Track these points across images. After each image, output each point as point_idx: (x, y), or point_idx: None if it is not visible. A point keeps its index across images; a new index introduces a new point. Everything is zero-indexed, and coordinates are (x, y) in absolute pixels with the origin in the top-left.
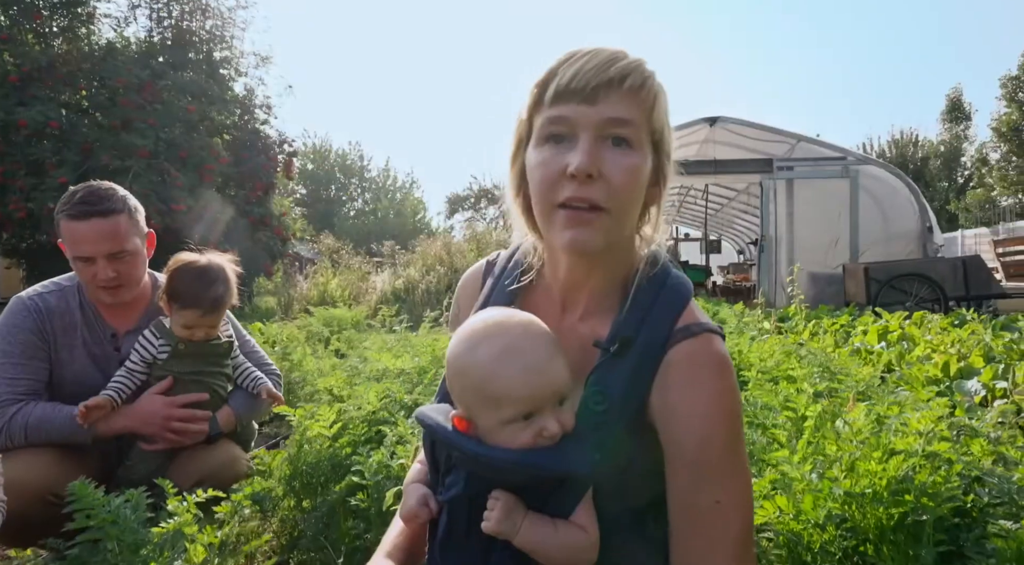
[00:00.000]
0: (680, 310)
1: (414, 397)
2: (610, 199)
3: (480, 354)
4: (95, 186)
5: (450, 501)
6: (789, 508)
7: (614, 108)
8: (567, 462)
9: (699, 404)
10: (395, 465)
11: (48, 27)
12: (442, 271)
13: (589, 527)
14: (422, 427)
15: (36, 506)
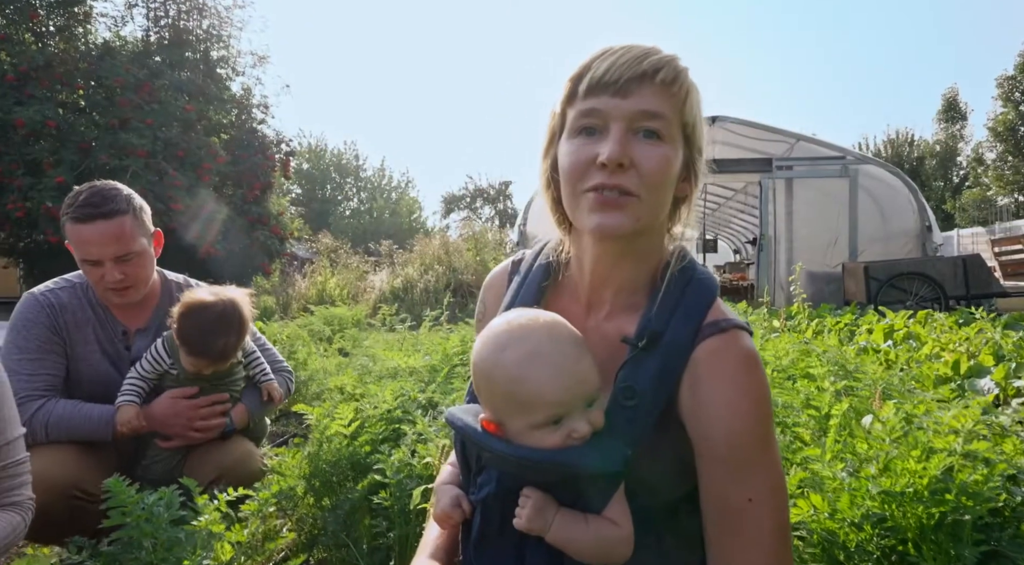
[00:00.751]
0: (708, 305)
1: (427, 395)
2: (641, 186)
3: (506, 358)
4: (99, 187)
5: (483, 501)
6: (824, 506)
7: (646, 101)
8: (599, 459)
9: (729, 400)
10: (416, 463)
11: (45, 27)
12: (440, 270)
13: (622, 521)
14: (452, 428)
15: (61, 501)
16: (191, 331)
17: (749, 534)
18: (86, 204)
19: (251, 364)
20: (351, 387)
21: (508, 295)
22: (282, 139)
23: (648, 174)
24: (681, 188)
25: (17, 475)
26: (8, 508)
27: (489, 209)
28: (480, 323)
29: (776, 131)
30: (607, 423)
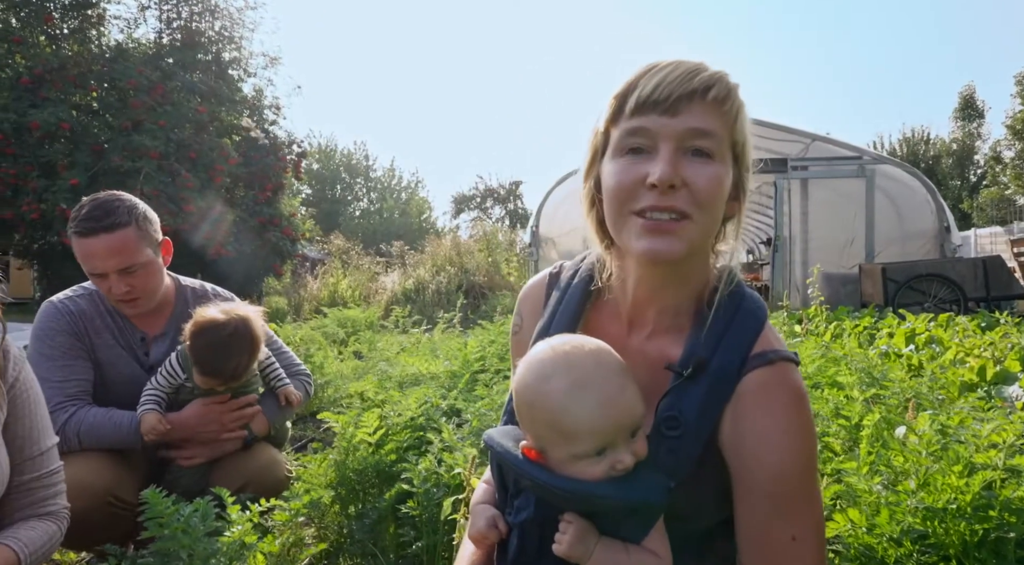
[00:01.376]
0: (756, 334)
1: (449, 402)
2: (694, 206)
3: (551, 387)
4: (101, 199)
5: (521, 524)
6: (862, 521)
7: (697, 119)
8: (642, 492)
9: (777, 437)
10: (443, 472)
11: (59, 29)
12: (452, 271)
13: (662, 552)
14: (490, 452)
15: (97, 508)
16: (203, 351)
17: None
18: (88, 218)
19: (266, 370)
20: (372, 393)
21: (547, 310)
22: (294, 140)
23: (700, 193)
24: (730, 207)
25: (52, 485)
26: (44, 518)
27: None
28: (516, 336)
29: (791, 131)
30: (649, 453)
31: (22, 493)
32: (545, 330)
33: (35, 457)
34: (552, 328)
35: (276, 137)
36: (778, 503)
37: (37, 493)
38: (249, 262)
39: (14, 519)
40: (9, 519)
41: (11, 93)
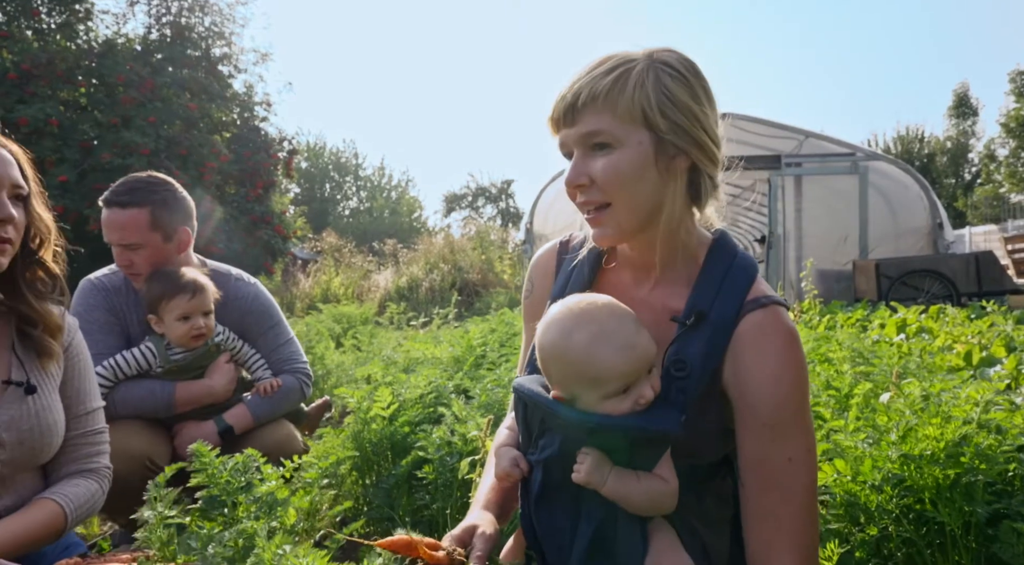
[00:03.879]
0: (749, 285)
1: (455, 382)
2: (606, 195)
3: (575, 340)
4: (134, 178)
5: (545, 461)
6: (847, 470)
7: (584, 123)
8: (662, 422)
9: (773, 371)
10: (456, 441)
11: (46, 24)
12: (446, 269)
13: (669, 478)
14: (521, 398)
15: (137, 472)
16: (154, 284)
17: (788, 489)
18: (113, 190)
19: (248, 362)
20: (379, 376)
21: (562, 274)
22: (284, 137)
23: (604, 183)
24: (673, 164)
25: (97, 443)
26: (88, 475)
27: (491, 208)
28: (527, 300)
29: (785, 128)
30: (661, 392)
31: (69, 449)
32: (561, 291)
33: (82, 415)
34: (568, 289)
35: (267, 134)
36: (775, 430)
37: (82, 449)
38: (240, 260)
39: (60, 474)
40: (56, 474)
41: None
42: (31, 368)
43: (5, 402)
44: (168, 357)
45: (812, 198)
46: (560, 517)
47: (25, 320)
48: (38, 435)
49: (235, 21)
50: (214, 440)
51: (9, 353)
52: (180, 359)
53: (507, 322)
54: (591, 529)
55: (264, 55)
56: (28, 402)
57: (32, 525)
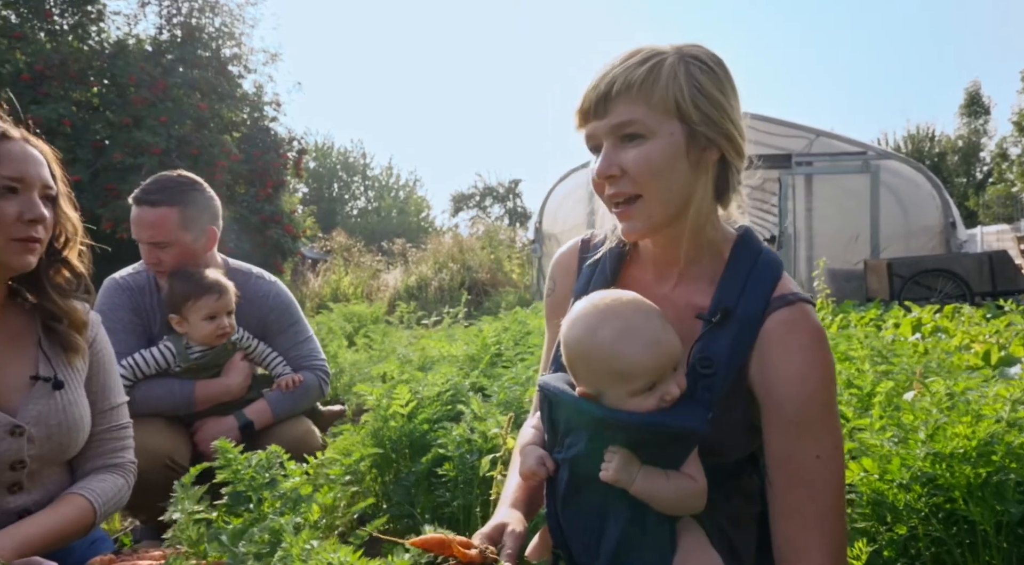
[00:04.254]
0: (775, 282)
1: (472, 380)
2: (637, 186)
3: (601, 337)
4: (165, 176)
5: (571, 459)
6: (874, 469)
7: (617, 114)
8: (688, 420)
9: (799, 368)
10: (476, 438)
11: (59, 25)
12: (455, 269)
13: (698, 476)
14: (547, 396)
15: (158, 470)
16: (178, 284)
17: (815, 486)
18: (144, 189)
19: (266, 360)
20: (396, 373)
21: (585, 270)
22: (294, 137)
23: (636, 173)
24: (704, 156)
25: (121, 438)
26: (114, 470)
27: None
28: (549, 298)
29: (795, 126)
30: (688, 388)
31: (95, 444)
32: (584, 288)
33: (107, 411)
34: (591, 286)
35: (276, 134)
36: (802, 427)
37: (108, 444)
38: (250, 259)
39: (86, 470)
40: (82, 469)
41: (12, 89)
42: (57, 364)
43: (33, 397)
44: (187, 356)
45: (823, 197)
46: (587, 516)
47: (50, 316)
48: (65, 430)
49: (245, 22)
50: (235, 435)
51: (36, 349)
52: (198, 358)
53: (520, 321)
54: (619, 528)
55: (273, 55)
56: (55, 397)
57: (62, 520)
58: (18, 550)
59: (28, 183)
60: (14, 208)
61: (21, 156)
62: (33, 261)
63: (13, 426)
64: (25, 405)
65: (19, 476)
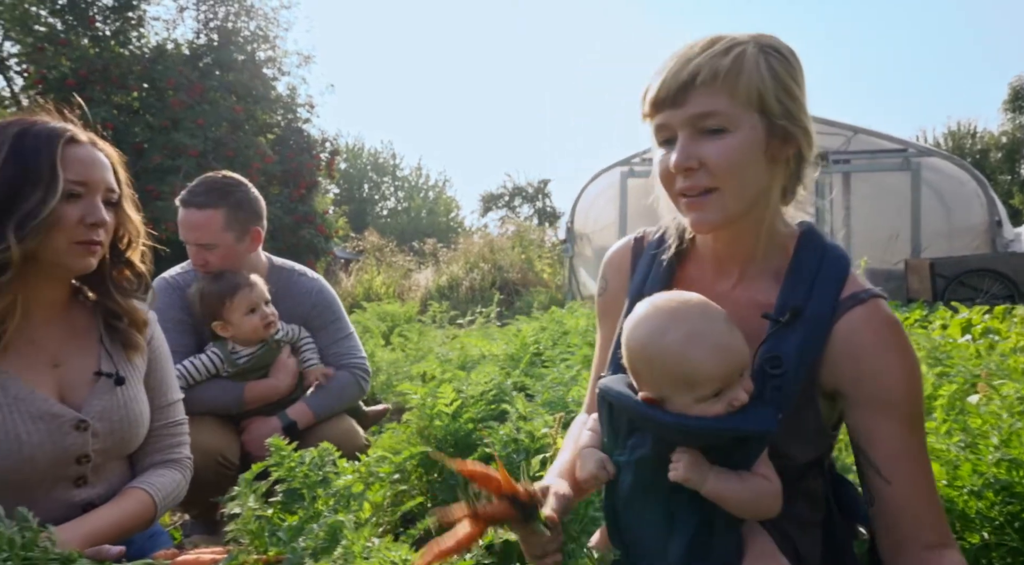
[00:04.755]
0: (844, 279)
1: (514, 379)
2: (715, 179)
3: (668, 341)
4: (210, 178)
5: (635, 462)
6: (942, 475)
7: (698, 104)
8: (758, 422)
9: (900, 364)
10: (523, 438)
11: (102, 32)
12: (486, 268)
13: (772, 477)
14: (607, 399)
15: (210, 467)
16: (209, 289)
17: (926, 474)
18: (190, 190)
19: (300, 349)
20: (436, 373)
21: (639, 270)
22: (326, 138)
23: (716, 167)
24: (782, 150)
25: (177, 434)
26: (171, 465)
27: (528, 208)
28: (601, 298)
29: (832, 124)
30: (756, 390)
31: (153, 439)
32: (639, 288)
33: (164, 407)
34: (647, 286)
35: (309, 135)
36: (911, 422)
37: (165, 440)
38: (283, 258)
39: (146, 464)
40: (142, 464)
41: (58, 94)
42: (119, 360)
43: (97, 393)
44: (234, 361)
45: (861, 196)
46: (652, 521)
47: (112, 315)
48: (127, 425)
49: (279, 25)
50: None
51: (98, 346)
52: (245, 361)
53: (556, 320)
54: (688, 533)
55: (307, 58)
56: (117, 393)
57: (124, 514)
58: (85, 540)
59: (92, 187)
60: (77, 212)
61: (87, 160)
62: (94, 263)
63: (78, 420)
64: (89, 401)
65: (84, 470)
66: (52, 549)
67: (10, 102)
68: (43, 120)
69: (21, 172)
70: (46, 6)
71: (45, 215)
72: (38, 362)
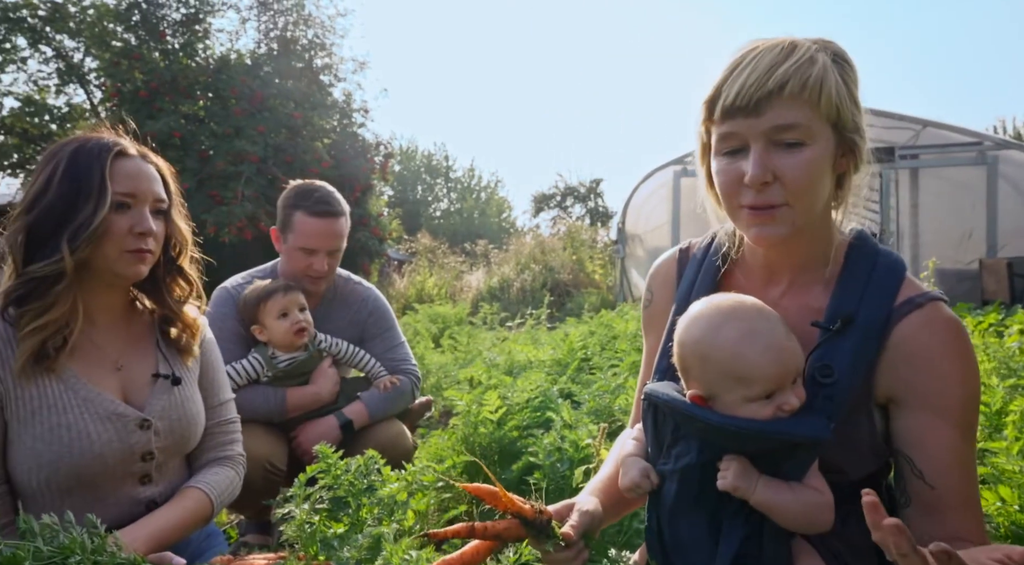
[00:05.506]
0: (898, 286)
1: (560, 386)
2: (788, 195)
3: (724, 336)
4: (322, 187)
5: (681, 470)
6: (1013, 499)
7: (779, 115)
8: (808, 428)
9: (957, 367)
10: (567, 447)
11: (171, 44)
12: (537, 269)
13: (823, 489)
14: (653, 403)
15: (258, 472)
16: (249, 296)
17: (972, 484)
18: (322, 201)
19: (362, 364)
20: (484, 378)
21: (686, 279)
22: (380, 142)
23: (792, 183)
24: (840, 164)
25: (230, 432)
26: (225, 462)
27: (580, 207)
28: (647, 310)
29: (899, 117)
30: (807, 399)
31: (207, 438)
32: (686, 296)
33: (216, 406)
34: (695, 293)
35: (364, 140)
36: (968, 429)
37: (219, 438)
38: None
39: (202, 462)
40: (198, 462)
41: (131, 105)
42: (174, 362)
43: (156, 393)
44: (274, 365)
45: (930, 192)
46: (698, 532)
47: (166, 320)
48: (185, 424)
49: (335, 32)
50: (336, 434)
51: (155, 349)
52: (285, 366)
53: (605, 324)
54: (734, 545)
55: (362, 63)
56: (174, 393)
57: (185, 514)
58: (150, 540)
59: (140, 198)
60: (126, 222)
61: (134, 173)
62: (144, 270)
63: (141, 420)
64: (150, 401)
65: (149, 467)
66: (119, 554)
67: (90, 114)
68: (98, 136)
69: (75, 187)
70: (122, 22)
71: (95, 226)
72: (102, 365)
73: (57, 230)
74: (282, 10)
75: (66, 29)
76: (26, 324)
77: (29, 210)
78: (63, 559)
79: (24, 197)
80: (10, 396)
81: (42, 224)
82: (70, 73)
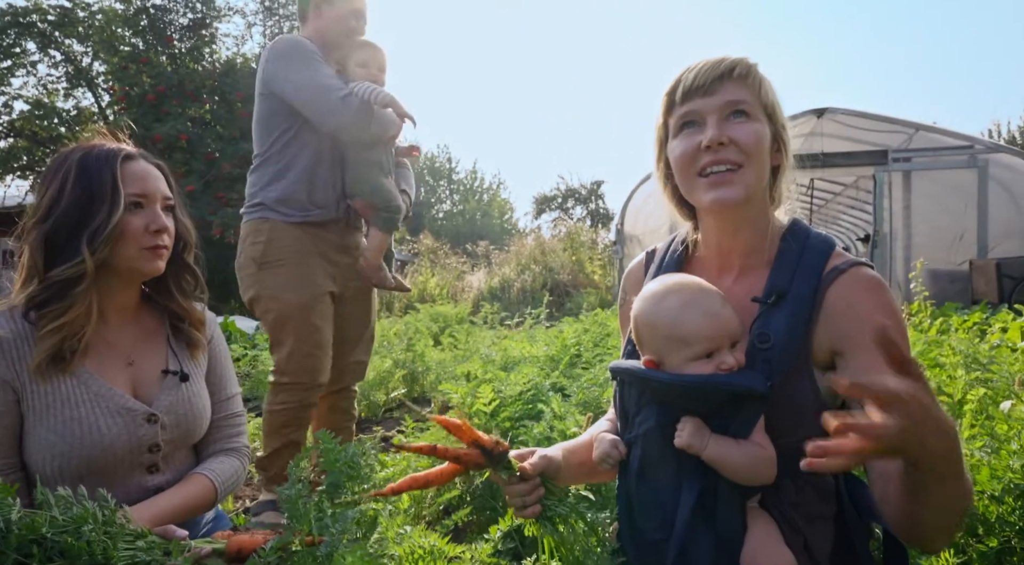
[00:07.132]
0: (826, 260)
1: (552, 380)
2: (742, 155)
3: (666, 306)
4: None
5: (643, 435)
6: None
7: (730, 93)
8: (748, 380)
9: (882, 313)
10: (556, 436)
11: (178, 49)
12: (537, 270)
13: (766, 444)
14: (616, 375)
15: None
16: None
17: None
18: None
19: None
20: (479, 373)
21: (648, 277)
22: None
23: (745, 144)
24: (775, 158)
25: (236, 425)
26: (231, 453)
27: (581, 209)
28: (622, 309)
29: (892, 121)
30: (748, 362)
31: (214, 430)
32: None
33: (224, 400)
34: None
35: None
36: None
37: (225, 430)
38: None
39: (208, 453)
40: (205, 453)
41: (139, 109)
42: (183, 358)
43: (165, 389)
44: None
45: (922, 194)
46: (661, 490)
47: (175, 316)
48: (191, 418)
49: None
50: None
51: (165, 345)
52: None
53: (600, 322)
54: (692, 498)
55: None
56: (182, 389)
57: (188, 497)
58: (152, 521)
59: (151, 197)
60: (141, 221)
61: (143, 174)
62: (162, 266)
63: (149, 414)
64: (159, 396)
65: (156, 458)
66: (127, 525)
67: (98, 117)
68: (100, 143)
69: (87, 192)
70: (130, 27)
71: (112, 227)
72: (114, 361)
73: (75, 235)
74: (287, 15)
75: (75, 34)
76: (45, 325)
77: (45, 219)
78: (76, 527)
79: (37, 207)
80: (26, 391)
81: (59, 231)
82: (79, 77)
